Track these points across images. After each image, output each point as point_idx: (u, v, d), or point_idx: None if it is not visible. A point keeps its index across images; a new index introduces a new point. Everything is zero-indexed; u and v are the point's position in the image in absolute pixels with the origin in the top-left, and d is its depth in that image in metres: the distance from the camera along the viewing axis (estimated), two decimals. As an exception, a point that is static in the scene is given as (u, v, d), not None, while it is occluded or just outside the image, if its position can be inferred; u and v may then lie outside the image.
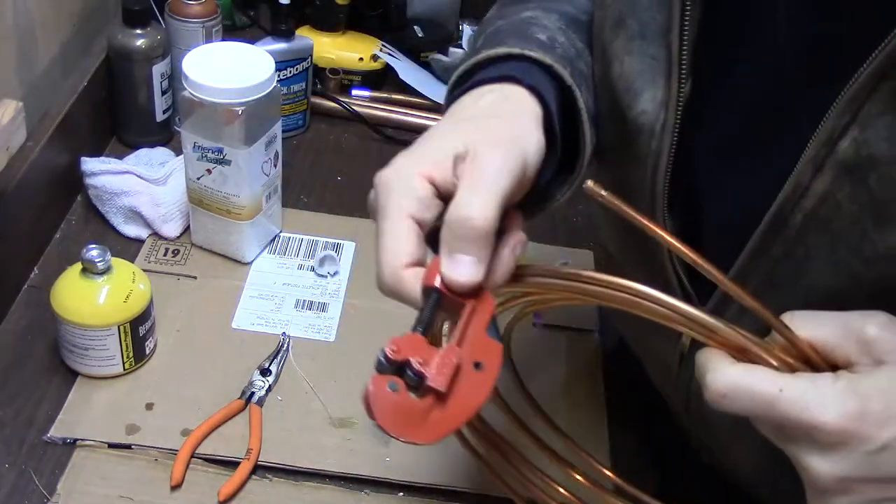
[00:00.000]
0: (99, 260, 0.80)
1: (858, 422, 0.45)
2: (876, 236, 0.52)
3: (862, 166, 0.51)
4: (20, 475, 0.77)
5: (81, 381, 0.85)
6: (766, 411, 0.46)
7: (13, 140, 0.90)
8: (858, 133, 0.51)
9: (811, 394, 0.46)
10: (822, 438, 0.46)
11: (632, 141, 0.62)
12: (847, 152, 0.51)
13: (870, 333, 0.47)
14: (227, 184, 0.93)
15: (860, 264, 0.53)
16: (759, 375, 0.47)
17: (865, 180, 0.51)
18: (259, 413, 0.84)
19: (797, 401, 0.46)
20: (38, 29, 1.02)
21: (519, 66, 0.60)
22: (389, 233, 0.53)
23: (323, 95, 1.23)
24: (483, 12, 1.34)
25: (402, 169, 0.55)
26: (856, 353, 0.47)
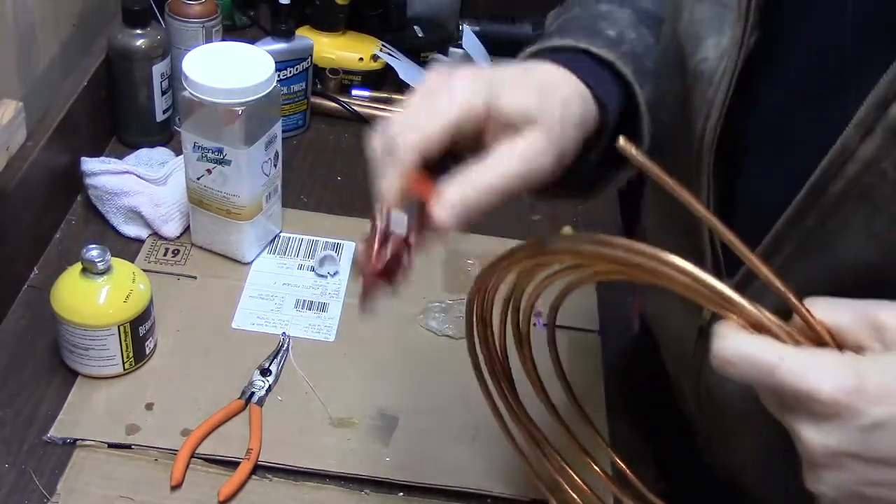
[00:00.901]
0: (99, 260, 0.80)
1: (853, 396, 0.45)
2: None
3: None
4: (20, 475, 0.77)
5: (81, 381, 0.85)
6: (766, 378, 0.47)
7: (13, 140, 0.90)
8: None
9: (811, 364, 0.46)
10: (816, 409, 0.46)
11: (689, 92, 0.62)
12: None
13: (883, 320, 0.47)
14: (227, 184, 0.93)
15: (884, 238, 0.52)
16: (764, 345, 0.48)
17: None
18: (259, 413, 0.84)
19: (796, 370, 0.46)
20: (38, 29, 1.02)
21: (580, 61, 0.61)
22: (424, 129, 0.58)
23: (323, 95, 1.23)
24: (483, 12, 1.35)
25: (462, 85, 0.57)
26: (868, 338, 0.48)
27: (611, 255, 0.52)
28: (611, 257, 0.52)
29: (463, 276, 1.02)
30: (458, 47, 1.26)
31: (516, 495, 0.81)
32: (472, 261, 1.04)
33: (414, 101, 0.59)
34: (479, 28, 1.32)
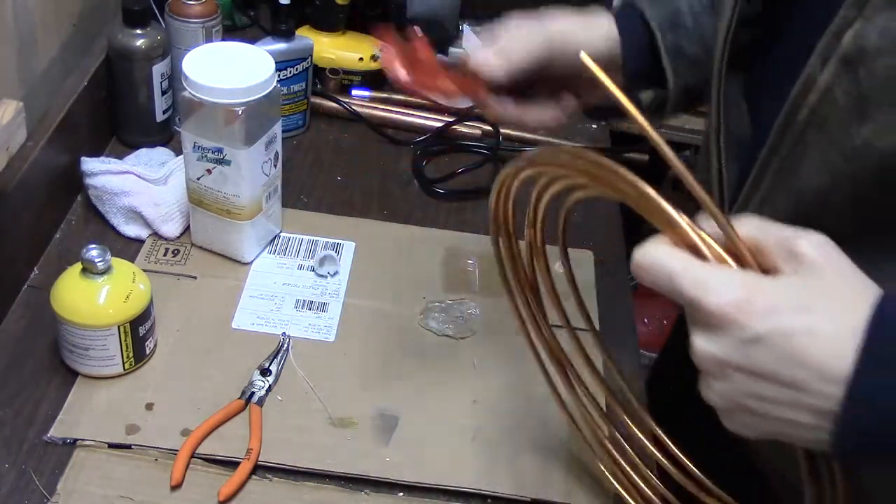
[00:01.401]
0: (99, 260, 0.80)
1: (739, 310, 0.49)
2: (855, 130, 0.55)
3: (856, 59, 0.54)
4: (20, 475, 0.77)
5: (81, 381, 0.85)
6: (667, 284, 0.51)
7: (13, 140, 0.90)
8: (860, 26, 0.54)
9: (709, 277, 0.50)
10: (706, 319, 0.50)
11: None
12: (848, 45, 0.54)
13: (799, 249, 0.50)
14: (227, 184, 0.93)
15: (841, 160, 0.56)
16: (675, 255, 0.52)
17: (857, 73, 0.54)
18: (259, 413, 0.84)
19: (695, 280, 0.50)
20: (38, 29, 1.02)
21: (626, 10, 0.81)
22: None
23: (323, 95, 1.23)
24: (483, 12, 1.35)
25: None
26: (785, 263, 0.50)
27: (580, 166, 0.57)
28: (580, 167, 0.57)
29: (463, 276, 1.02)
30: (458, 47, 1.26)
31: (516, 495, 0.81)
32: (472, 261, 1.04)
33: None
34: (479, 28, 1.32)
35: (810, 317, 0.48)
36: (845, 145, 0.55)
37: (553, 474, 0.83)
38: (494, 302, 0.99)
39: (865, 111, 0.54)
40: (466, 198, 1.13)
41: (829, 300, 0.49)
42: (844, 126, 0.55)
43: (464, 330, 0.96)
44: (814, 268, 0.50)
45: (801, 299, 0.49)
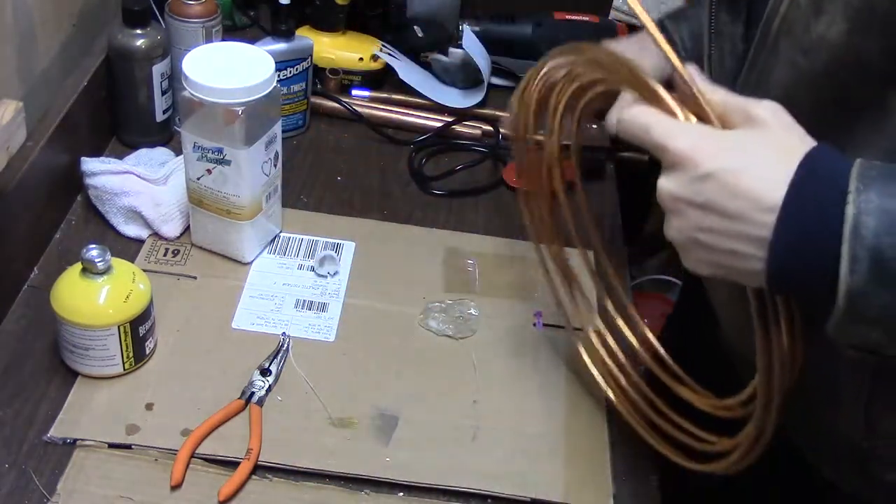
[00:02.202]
0: (99, 260, 0.80)
1: (694, 150, 0.58)
2: (813, 25, 0.61)
3: None
4: (20, 475, 0.77)
5: (81, 381, 0.85)
6: (642, 134, 0.61)
7: (13, 140, 0.90)
8: None
9: (674, 127, 0.60)
10: (667, 159, 0.60)
11: None
12: None
13: (754, 109, 0.60)
14: (227, 184, 0.93)
15: (801, 56, 0.62)
16: (649, 112, 0.62)
17: None
18: (259, 413, 0.84)
19: (663, 130, 0.60)
20: (38, 29, 1.02)
21: None
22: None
23: (323, 95, 1.23)
24: (483, 12, 1.35)
25: None
26: (741, 121, 0.60)
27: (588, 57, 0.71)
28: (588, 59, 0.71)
29: (463, 276, 1.02)
30: (458, 47, 1.26)
31: (516, 495, 0.81)
32: (472, 261, 1.04)
33: None
34: (479, 28, 1.32)
35: (753, 158, 0.58)
36: (804, 41, 0.62)
37: (553, 474, 0.83)
38: (494, 302, 0.99)
39: (820, 6, 0.60)
40: (466, 196, 1.13)
41: (771, 147, 0.58)
42: (804, 24, 0.62)
43: (464, 330, 0.96)
44: (764, 124, 0.59)
45: (747, 144, 0.58)
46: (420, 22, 1.32)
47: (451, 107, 1.24)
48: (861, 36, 0.58)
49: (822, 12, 0.60)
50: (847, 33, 0.59)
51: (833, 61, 0.61)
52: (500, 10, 1.35)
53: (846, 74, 0.61)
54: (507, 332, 0.96)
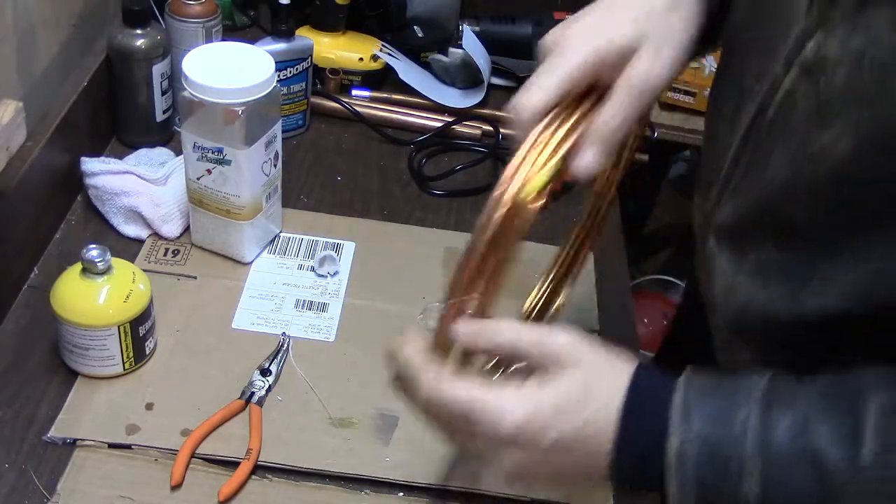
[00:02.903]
0: (99, 260, 0.80)
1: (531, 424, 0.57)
2: (815, 134, 0.57)
3: (817, 67, 0.56)
4: (20, 475, 0.77)
5: (81, 381, 0.85)
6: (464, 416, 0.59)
7: (13, 140, 0.90)
8: (821, 37, 0.56)
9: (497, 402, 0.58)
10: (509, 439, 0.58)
11: None
12: (810, 53, 0.57)
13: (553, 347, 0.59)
14: (227, 184, 0.93)
15: (804, 159, 0.59)
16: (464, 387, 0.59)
17: (817, 81, 0.56)
18: (259, 413, 0.84)
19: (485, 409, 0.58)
20: (38, 29, 1.02)
21: None
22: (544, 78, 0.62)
23: (323, 95, 1.23)
24: (483, 12, 1.35)
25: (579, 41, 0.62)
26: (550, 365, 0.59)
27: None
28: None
29: (463, 276, 1.02)
30: (458, 47, 1.26)
31: (516, 495, 0.81)
32: (472, 261, 1.04)
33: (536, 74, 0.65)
34: (479, 28, 1.32)
35: (585, 411, 0.57)
36: (807, 147, 0.58)
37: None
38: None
39: (825, 118, 0.57)
40: (466, 196, 1.13)
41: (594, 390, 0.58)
42: (806, 129, 0.58)
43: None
44: (576, 364, 0.59)
45: (574, 397, 0.58)
46: (420, 22, 1.32)
47: (451, 107, 1.24)
48: (874, 157, 0.55)
49: (827, 126, 0.57)
50: (856, 151, 0.55)
51: (839, 174, 0.57)
52: (500, 10, 1.35)
53: (854, 188, 0.57)
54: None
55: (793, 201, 0.60)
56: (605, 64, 0.61)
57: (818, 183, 0.58)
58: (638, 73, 0.61)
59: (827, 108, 0.56)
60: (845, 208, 0.58)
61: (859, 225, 0.58)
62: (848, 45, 0.54)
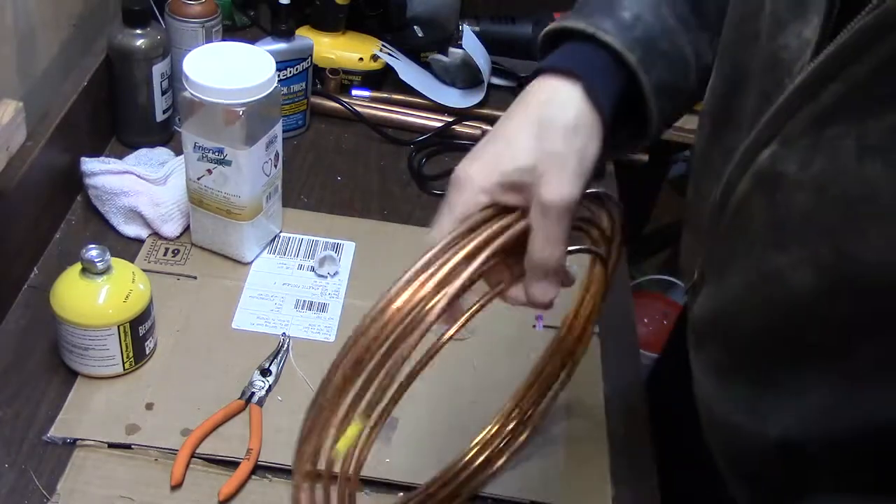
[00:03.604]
0: (99, 260, 0.80)
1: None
2: (770, 255, 0.54)
3: (772, 182, 0.53)
4: (20, 475, 0.77)
5: (81, 381, 0.85)
6: None
7: (13, 140, 0.90)
8: (777, 148, 0.53)
9: None
10: None
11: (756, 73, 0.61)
12: (764, 164, 0.54)
13: None
14: (228, 184, 0.93)
15: (758, 278, 0.56)
16: None
17: (773, 197, 0.53)
18: (259, 413, 0.84)
19: None
20: (38, 29, 1.02)
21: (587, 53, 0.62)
22: (442, 222, 0.60)
23: (323, 95, 1.23)
24: (483, 12, 1.35)
25: (475, 178, 0.59)
26: None
27: None
28: None
29: (463, 276, 1.02)
30: (458, 47, 1.26)
31: (516, 495, 0.81)
32: (472, 261, 1.04)
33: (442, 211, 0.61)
34: (479, 28, 1.32)
35: None
36: (761, 265, 0.55)
37: (553, 476, 0.83)
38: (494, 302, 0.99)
39: (782, 239, 0.53)
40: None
41: None
42: (762, 245, 0.55)
43: (463, 330, 0.95)
44: None
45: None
46: (420, 22, 1.32)
47: (451, 107, 1.24)
48: (835, 294, 0.51)
49: (784, 250, 0.53)
50: (817, 284, 0.51)
51: (794, 305, 0.54)
52: (500, 10, 1.35)
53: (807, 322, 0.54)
54: (507, 332, 0.96)
55: (741, 320, 0.58)
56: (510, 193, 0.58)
57: (770, 307, 0.56)
58: (548, 195, 0.56)
59: (784, 230, 0.53)
60: (792, 341, 0.55)
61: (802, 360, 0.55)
62: (808, 169, 0.50)
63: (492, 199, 0.58)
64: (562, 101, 0.59)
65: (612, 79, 0.61)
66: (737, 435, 0.64)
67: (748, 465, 0.65)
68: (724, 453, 0.67)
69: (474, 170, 0.59)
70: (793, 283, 0.52)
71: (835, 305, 0.51)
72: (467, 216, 0.58)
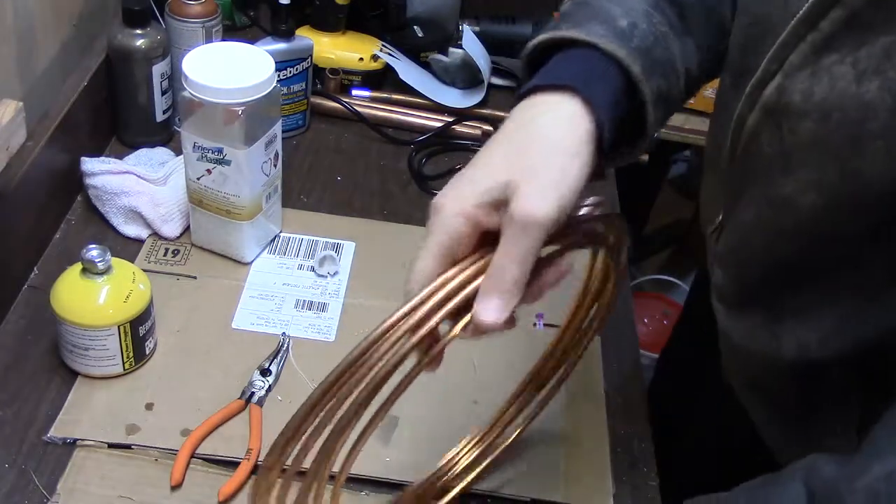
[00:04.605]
0: (99, 260, 0.80)
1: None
2: (780, 181, 0.56)
3: (779, 112, 0.55)
4: (20, 475, 0.77)
5: (81, 381, 0.85)
6: None
7: (13, 140, 0.90)
8: (781, 80, 0.55)
9: None
10: None
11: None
12: (771, 97, 0.56)
13: None
14: (227, 184, 0.93)
15: (766, 206, 0.58)
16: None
17: (780, 127, 0.55)
18: (259, 413, 0.84)
19: None
20: (38, 29, 1.02)
21: (585, 64, 0.60)
22: (421, 258, 0.58)
23: (323, 95, 1.23)
24: (483, 12, 1.35)
25: (449, 204, 0.57)
26: None
27: None
28: None
29: (463, 276, 1.02)
30: (458, 47, 1.26)
31: (516, 495, 0.81)
32: (472, 261, 1.04)
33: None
34: (479, 28, 1.32)
35: None
36: (770, 193, 0.57)
37: (553, 474, 0.83)
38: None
39: (789, 166, 0.55)
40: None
41: None
42: (771, 174, 0.57)
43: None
44: None
45: None
46: (420, 22, 1.32)
47: (451, 107, 1.24)
48: (841, 213, 0.53)
49: (791, 174, 0.55)
50: (823, 208, 0.54)
51: (802, 228, 0.56)
52: (500, 10, 1.35)
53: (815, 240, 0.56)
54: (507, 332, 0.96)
55: (754, 249, 0.59)
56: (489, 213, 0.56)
57: (781, 232, 0.57)
58: (518, 208, 0.54)
59: (791, 157, 0.55)
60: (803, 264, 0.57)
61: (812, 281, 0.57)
62: (811, 97, 0.53)
63: (471, 223, 0.56)
64: (552, 117, 0.57)
65: (610, 90, 0.59)
66: (754, 360, 0.65)
67: (765, 387, 0.66)
68: (744, 377, 0.69)
69: (450, 195, 0.57)
70: (801, 206, 0.54)
71: (840, 222, 0.53)
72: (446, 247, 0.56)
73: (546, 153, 0.55)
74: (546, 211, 0.53)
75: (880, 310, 0.54)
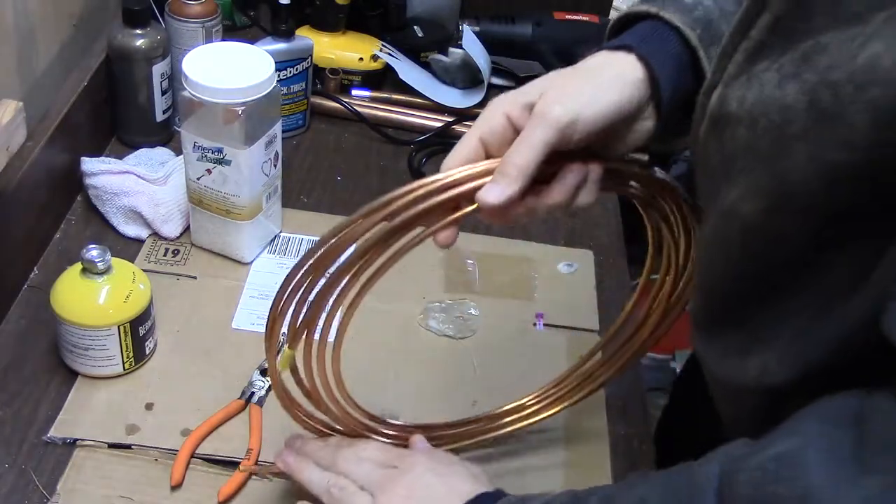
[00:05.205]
0: (99, 260, 0.80)
1: None
2: (725, 190, 0.57)
3: (722, 121, 0.56)
4: (20, 475, 0.77)
5: (81, 381, 0.85)
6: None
7: (13, 140, 0.90)
8: (722, 89, 0.57)
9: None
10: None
11: None
12: (714, 106, 0.57)
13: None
14: (227, 184, 0.93)
15: (718, 216, 0.58)
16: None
17: (722, 136, 0.56)
18: (259, 413, 0.84)
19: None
20: (38, 29, 1.02)
21: (646, 30, 0.65)
22: (461, 143, 0.66)
23: (323, 95, 1.23)
24: (483, 12, 1.35)
25: (494, 103, 0.64)
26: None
27: None
28: None
29: (463, 276, 1.02)
30: (458, 47, 1.26)
31: (516, 495, 0.81)
32: (472, 261, 1.04)
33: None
34: (479, 28, 1.32)
35: None
36: (719, 204, 0.58)
37: (553, 474, 0.83)
38: (494, 302, 0.99)
39: (730, 174, 0.56)
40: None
41: None
42: (718, 184, 0.58)
43: (464, 330, 0.96)
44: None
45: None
46: (420, 22, 1.32)
47: (451, 107, 1.24)
48: (773, 216, 0.54)
49: (732, 181, 0.56)
50: (763, 213, 0.54)
51: (747, 235, 0.57)
52: (500, 10, 1.35)
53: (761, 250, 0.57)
54: (507, 332, 0.96)
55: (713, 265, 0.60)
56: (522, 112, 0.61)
57: (731, 243, 0.58)
58: (538, 106, 0.60)
59: (732, 164, 0.56)
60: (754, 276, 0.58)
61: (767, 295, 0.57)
62: (744, 103, 0.54)
63: (505, 118, 0.61)
64: (602, 60, 0.62)
65: (666, 51, 0.63)
66: (728, 388, 0.65)
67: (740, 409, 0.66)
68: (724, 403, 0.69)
69: (498, 98, 0.63)
70: (744, 214, 0.55)
71: (780, 228, 0.54)
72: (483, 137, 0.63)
73: (583, 79, 0.61)
74: (559, 113, 0.58)
75: (827, 327, 0.54)
